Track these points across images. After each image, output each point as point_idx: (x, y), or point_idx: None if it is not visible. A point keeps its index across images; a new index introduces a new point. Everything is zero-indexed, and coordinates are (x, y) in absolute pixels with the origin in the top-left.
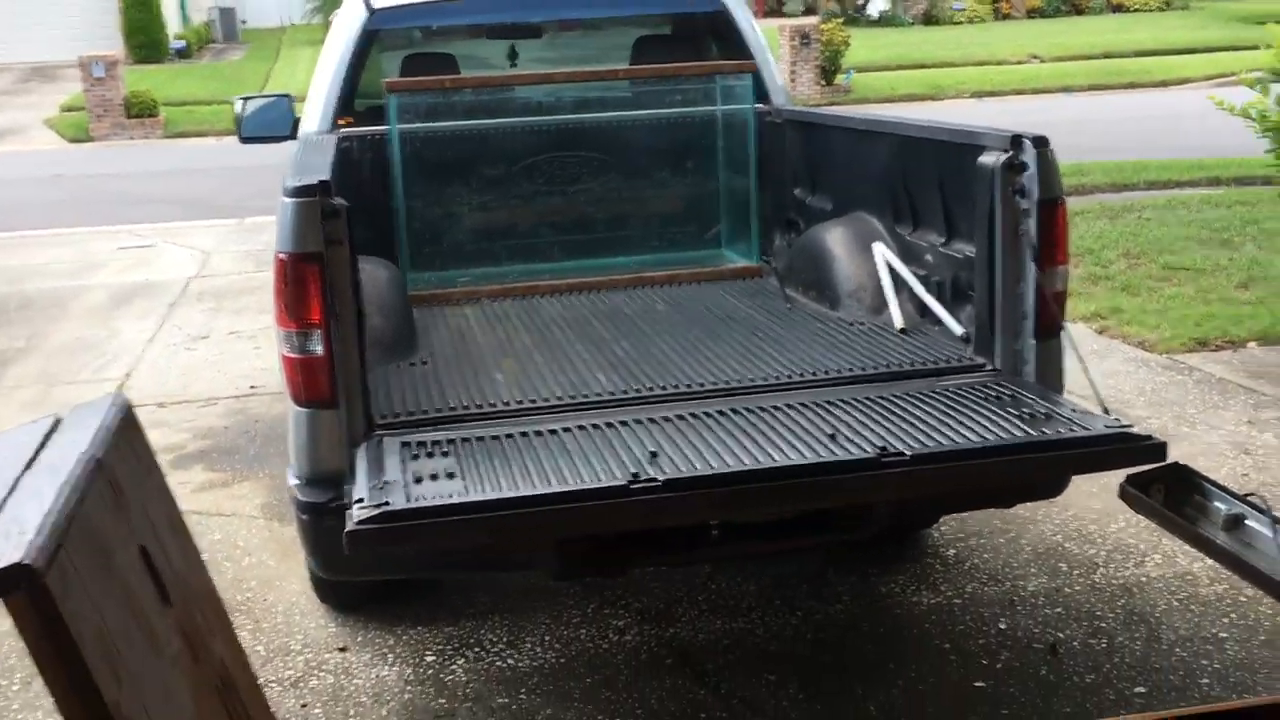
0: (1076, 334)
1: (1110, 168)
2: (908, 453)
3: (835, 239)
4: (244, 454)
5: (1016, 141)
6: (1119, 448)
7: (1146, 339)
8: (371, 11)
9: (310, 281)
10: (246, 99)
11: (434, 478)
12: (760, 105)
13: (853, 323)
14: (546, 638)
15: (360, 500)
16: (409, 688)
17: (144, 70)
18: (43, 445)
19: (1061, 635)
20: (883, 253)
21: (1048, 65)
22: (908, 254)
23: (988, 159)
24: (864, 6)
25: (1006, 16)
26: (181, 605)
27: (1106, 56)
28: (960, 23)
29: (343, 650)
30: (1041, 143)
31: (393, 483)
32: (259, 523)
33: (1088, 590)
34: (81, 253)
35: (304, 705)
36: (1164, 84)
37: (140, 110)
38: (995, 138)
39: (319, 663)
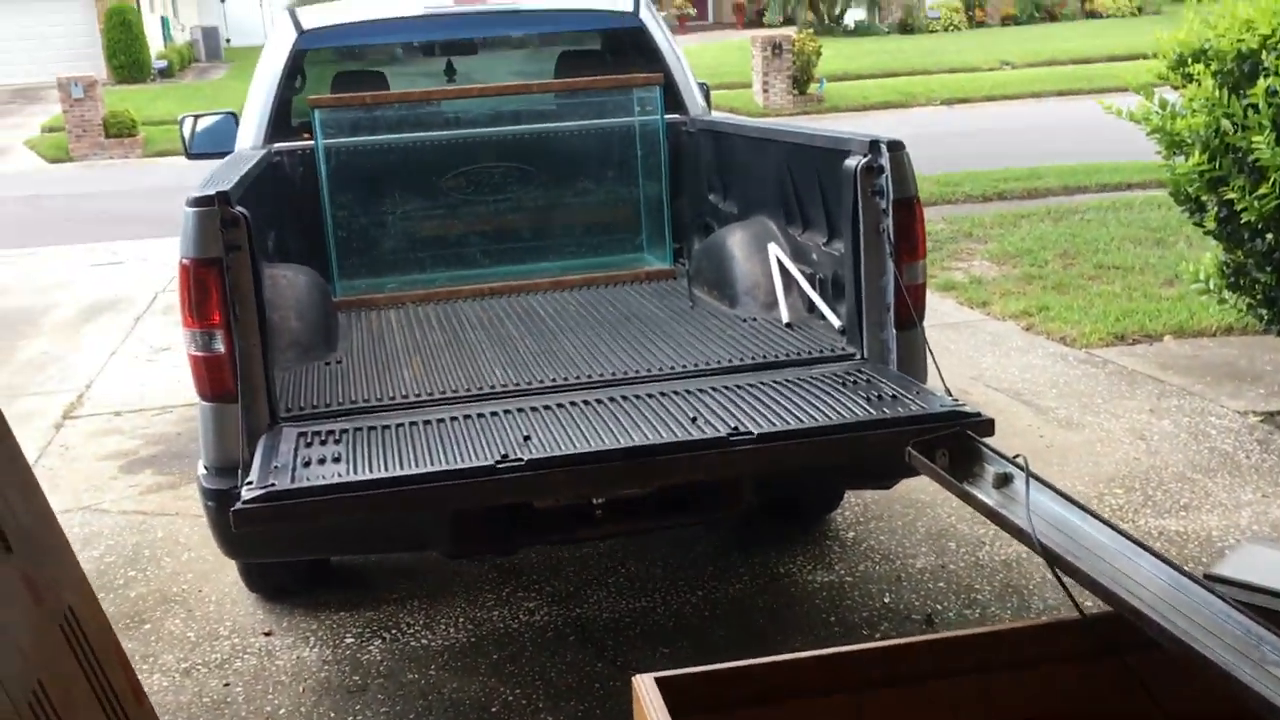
0: (1004, 331)
1: (1064, 171)
2: (755, 431)
3: (736, 241)
4: (193, 458)
5: (874, 146)
6: (950, 424)
7: (1068, 335)
8: (301, 31)
9: (210, 285)
10: (197, 117)
11: (321, 462)
12: (676, 116)
13: (746, 319)
14: (460, 619)
15: (249, 483)
16: (326, 667)
17: (126, 90)
18: None
19: (939, 607)
20: (775, 252)
21: (1019, 71)
22: (798, 253)
23: (850, 162)
24: (841, 16)
25: (981, 24)
26: (24, 554)
27: (1076, 62)
28: (935, 31)
29: (268, 634)
30: (895, 146)
31: (282, 467)
32: (202, 521)
33: (970, 567)
34: (53, 270)
35: (226, 685)
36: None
37: (119, 130)
38: (857, 143)
39: (244, 646)
